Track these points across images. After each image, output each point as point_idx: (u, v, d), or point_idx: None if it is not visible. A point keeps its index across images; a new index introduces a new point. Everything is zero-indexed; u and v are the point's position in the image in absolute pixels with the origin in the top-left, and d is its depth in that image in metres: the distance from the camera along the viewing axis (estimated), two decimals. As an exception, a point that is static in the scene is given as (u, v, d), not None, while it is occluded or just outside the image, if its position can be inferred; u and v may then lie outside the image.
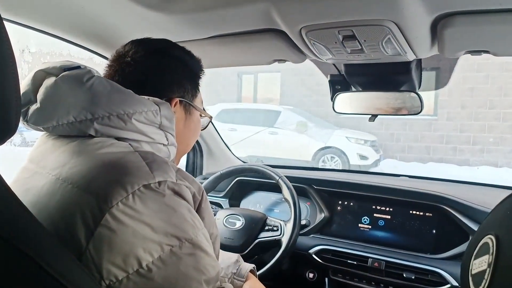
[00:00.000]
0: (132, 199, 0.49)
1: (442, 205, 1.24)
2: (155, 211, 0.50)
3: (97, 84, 0.59)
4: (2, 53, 0.44)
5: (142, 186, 0.50)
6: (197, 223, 0.55)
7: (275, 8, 0.79)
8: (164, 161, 0.57)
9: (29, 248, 0.39)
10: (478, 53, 0.89)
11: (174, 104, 0.71)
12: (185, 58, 0.75)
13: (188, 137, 0.77)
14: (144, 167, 0.53)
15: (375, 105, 1.13)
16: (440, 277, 1.12)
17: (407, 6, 0.72)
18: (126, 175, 0.51)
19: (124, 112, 0.59)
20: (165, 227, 0.50)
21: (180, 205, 0.54)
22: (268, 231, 1.26)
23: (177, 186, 0.54)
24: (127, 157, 0.55)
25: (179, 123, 0.72)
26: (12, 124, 0.47)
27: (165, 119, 0.65)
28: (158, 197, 0.51)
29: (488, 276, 0.33)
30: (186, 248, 0.51)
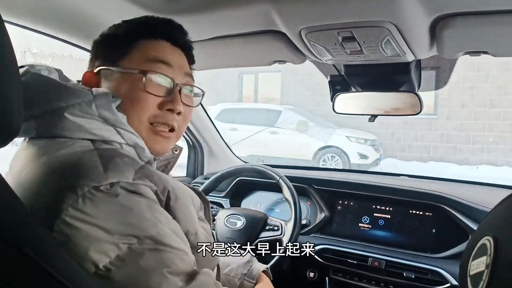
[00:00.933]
0: (83, 203, 0.48)
1: (442, 205, 1.24)
2: (108, 213, 0.49)
3: (29, 80, 0.56)
4: (4, 56, 0.44)
5: (92, 188, 0.49)
6: (161, 217, 0.53)
7: (275, 10, 0.80)
8: (123, 159, 0.55)
9: (28, 248, 0.40)
10: (477, 54, 0.89)
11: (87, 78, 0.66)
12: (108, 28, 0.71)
13: (125, 110, 0.62)
14: (97, 168, 0.51)
15: (375, 105, 1.14)
16: (440, 276, 1.13)
17: (406, 8, 0.72)
18: (76, 178, 0.50)
19: (57, 106, 0.55)
20: (120, 228, 0.49)
21: (137, 203, 0.51)
22: (269, 231, 1.26)
23: (132, 186, 0.52)
24: (83, 158, 0.53)
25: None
26: (15, 126, 0.48)
27: (102, 109, 0.58)
28: (110, 198, 0.49)
29: (486, 277, 0.34)
30: (147, 244, 0.50)
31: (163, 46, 0.68)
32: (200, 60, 1.20)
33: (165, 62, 0.66)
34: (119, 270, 0.47)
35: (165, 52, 0.67)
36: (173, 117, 0.66)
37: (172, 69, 0.67)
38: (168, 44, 0.68)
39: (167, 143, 0.68)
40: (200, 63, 1.24)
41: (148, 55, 0.65)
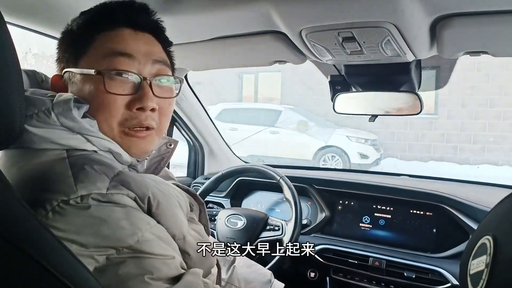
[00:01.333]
0: (52, 217, 0.46)
1: (442, 204, 1.25)
2: (80, 226, 0.46)
3: None
4: (6, 58, 0.44)
5: (61, 202, 0.46)
6: (141, 224, 0.50)
7: (276, 10, 0.80)
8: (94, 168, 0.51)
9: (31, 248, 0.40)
10: (477, 54, 0.90)
11: (53, 83, 0.60)
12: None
13: (93, 115, 0.57)
14: (67, 179, 0.48)
15: (375, 105, 1.14)
16: (441, 276, 1.13)
17: (406, 8, 0.72)
18: (44, 192, 0.47)
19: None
20: (95, 241, 0.46)
21: (112, 212, 0.48)
22: (269, 231, 1.26)
23: (105, 197, 0.49)
24: (53, 168, 0.50)
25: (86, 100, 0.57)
26: (17, 128, 0.48)
27: (63, 118, 0.53)
28: (80, 211, 0.47)
29: (486, 276, 0.34)
30: (125, 253, 0.48)
31: (122, 35, 0.59)
32: (201, 60, 1.21)
33: (125, 53, 0.58)
34: (100, 280, 0.45)
35: (125, 42, 0.59)
36: (146, 115, 0.59)
37: (135, 60, 0.59)
38: (129, 31, 0.60)
39: (145, 143, 0.62)
40: (200, 63, 1.25)
41: (105, 50, 0.58)
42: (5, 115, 0.44)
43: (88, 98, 0.57)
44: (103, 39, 0.59)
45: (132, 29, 0.60)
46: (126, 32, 0.60)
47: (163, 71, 0.62)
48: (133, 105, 0.58)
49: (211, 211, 1.40)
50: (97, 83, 0.57)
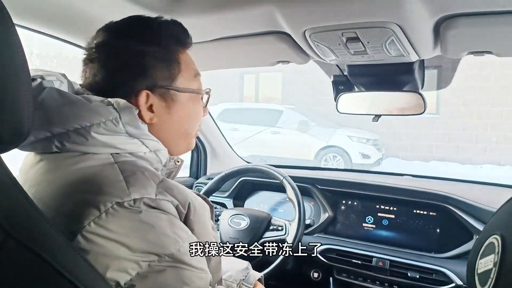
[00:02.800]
0: (105, 218, 0.47)
1: (446, 204, 1.24)
2: (130, 229, 0.48)
3: (47, 98, 0.54)
4: (16, 60, 0.44)
5: (115, 204, 0.48)
6: (182, 234, 0.53)
7: (280, 11, 0.80)
8: (144, 173, 0.54)
9: (43, 250, 0.40)
10: (480, 54, 0.90)
11: (144, 98, 0.61)
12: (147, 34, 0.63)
13: (181, 124, 0.66)
14: (120, 182, 0.51)
15: (379, 105, 1.14)
16: (445, 276, 1.13)
17: (410, 9, 0.72)
18: (98, 193, 0.49)
19: (81, 126, 0.54)
20: (141, 246, 0.48)
21: (159, 219, 0.51)
22: (273, 231, 1.27)
23: (154, 202, 0.51)
24: (103, 172, 0.52)
25: (162, 114, 0.63)
26: (25, 129, 0.48)
27: (129, 127, 0.57)
28: (132, 215, 0.49)
29: (494, 275, 0.34)
30: (166, 262, 0.50)
31: (189, 55, 0.68)
32: (205, 60, 1.21)
33: (199, 74, 0.70)
34: (140, 286, 0.48)
35: (194, 62, 0.69)
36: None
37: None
38: (187, 51, 0.69)
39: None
40: (205, 63, 1.25)
41: (194, 71, 0.68)
42: (14, 117, 0.45)
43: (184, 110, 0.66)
44: (186, 60, 0.66)
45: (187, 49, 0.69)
46: (187, 52, 0.68)
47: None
48: (204, 113, 0.73)
49: (214, 214, 1.40)
50: (197, 99, 0.69)
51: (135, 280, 0.47)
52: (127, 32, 0.63)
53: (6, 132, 0.43)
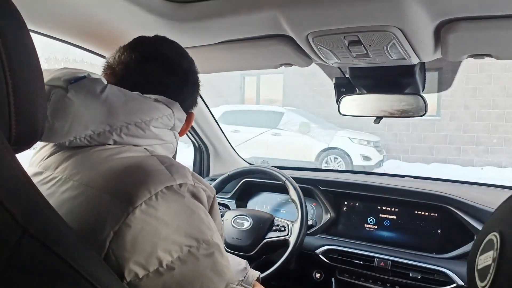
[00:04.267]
0: (156, 200, 0.51)
1: (447, 205, 1.26)
2: (176, 212, 0.52)
3: (111, 95, 0.59)
4: (31, 63, 0.46)
5: (164, 188, 0.52)
6: (212, 225, 0.57)
7: (283, 15, 0.82)
8: (181, 165, 0.59)
9: (59, 247, 0.41)
10: (481, 57, 0.91)
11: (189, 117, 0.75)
12: (193, 67, 0.76)
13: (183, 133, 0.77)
14: (164, 170, 0.55)
15: (380, 107, 1.15)
16: (446, 277, 1.14)
17: (411, 13, 0.74)
18: (149, 177, 0.53)
19: (142, 120, 0.61)
20: (185, 228, 0.52)
21: (198, 207, 0.56)
22: (275, 231, 1.28)
23: (195, 188, 0.56)
24: (147, 161, 0.57)
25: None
26: (39, 130, 0.50)
27: (178, 121, 0.67)
28: (179, 199, 0.53)
29: (493, 270, 0.36)
30: (203, 249, 0.53)
31: None
32: (209, 63, 1.23)
33: None
34: (179, 270, 0.50)
35: None
36: None
37: None
38: None
39: None
40: (209, 66, 1.27)
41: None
42: (29, 119, 0.46)
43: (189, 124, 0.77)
44: None
45: None
46: None
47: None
48: None
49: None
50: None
51: (176, 263, 0.50)
52: (185, 55, 0.75)
53: (22, 134, 0.44)
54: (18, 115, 0.42)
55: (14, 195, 0.39)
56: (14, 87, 0.41)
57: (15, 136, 0.43)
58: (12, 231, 0.38)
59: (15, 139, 0.43)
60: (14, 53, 0.41)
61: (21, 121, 0.43)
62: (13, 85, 0.41)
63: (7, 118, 0.42)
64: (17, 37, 0.43)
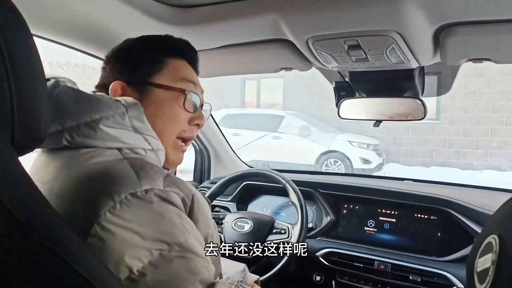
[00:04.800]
0: (120, 208, 0.50)
1: (446, 208, 1.26)
2: (143, 218, 0.51)
3: (61, 94, 0.59)
4: (34, 67, 0.46)
5: (129, 195, 0.51)
6: (187, 226, 0.55)
7: (284, 20, 0.83)
8: (152, 168, 0.57)
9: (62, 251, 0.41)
10: (479, 61, 0.92)
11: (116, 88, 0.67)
12: (143, 38, 0.73)
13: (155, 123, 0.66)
14: (131, 175, 0.54)
15: (380, 111, 1.16)
16: (446, 280, 1.14)
17: (410, 17, 0.75)
18: (113, 185, 0.51)
19: (91, 119, 0.58)
20: (153, 234, 0.50)
21: (168, 210, 0.54)
22: (276, 234, 1.28)
23: (164, 193, 0.54)
24: (115, 166, 0.55)
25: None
26: (42, 133, 0.50)
27: (135, 120, 0.62)
28: (145, 205, 0.52)
29: (492, 273, 0.36)
30: (176, 251, 0.51)
31: (187, 66, 0.74)
32: (210, 67, 1.24)
33: (193, 82, 0.73)
34: (152, 275, 0.49)
35: (191, 73, 0.74)
36: (196, 131, 0.75)
37: (197, 88, 0.74)
38: (189, 65, 0.74)
39: (183, 155, 0.76)
40: (209, 70, 1.27)
41: (181, 75, 0.71)
42: (32, 122, 0.46)
43: (156, 108, 0.68)
44: (175, 64, 0.72)
45: (190, 63, 0.75)
46: (188, 64, 0.74)
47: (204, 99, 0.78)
48: (193, 121, 0.73)
49: (217, 215, 1.42)
50: (177, 99, 0.69)
51: (147, 269, 0.49)
52: (136, 43, 0.73)
53: (24, 136, 0.45)
54: (21, 118, 0.43)
55: (17, 198, 0.40)
56: (17, 90, 0.42)
57: (17, 139, 0.43)
58: (14, 234, 0.38)
59: (17, 142, 0.44)
60: (17, 57, 0.42)
61: (24, 124, 0.43)
62: (16, 88, 0.41)
63: (10, 121, 0.42)
64: (20, 41, 0.43)
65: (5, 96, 0.41)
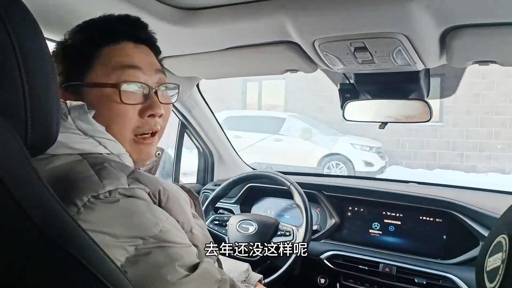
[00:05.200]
0: (85, 212, 0.48)
1: (452, 211, 1.26)
2: (110, 218, 0.49)
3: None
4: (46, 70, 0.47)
5: (91, 197, 0.49)
6: (160, 216, 0.53)
7: (291, 21, 0.83)
8: (115, 166, 0.54)
9: (74, 249, 0.42)
10: (485, 63, 0.92)
11: (62, 97, 0.58)
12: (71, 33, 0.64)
13: (107, 126, 0.60)
14: (92, 177, 0.51)
15: (385, 112, 1.16)
16: (452, 283, 1.14)
17: (417, 20, 0.75)
18: (73, 189, 0.49)
19: None
20: (125, 231, 0.49)
21: (137, 205, 0.52)
22: (280, 236, 1.28)
23: (129, 191, 0.52)
24: (74, 168, 0.53)
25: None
26: (53, 134, 0.51)
27: (79, 122, 0.57)
28: (110, 205, 0.50)
29: (502, 271, 0.36)
30: (151, 243, 0.51)
31: (126, 48, 0.63)
32: (214, 69, 1.24)
33: (133, 66, 0.62)
34: (132, 271, 0.49)
35: (131, 55, 0.63)
36: (155, 121, 0.65)
37: (142, 71, 0.63)
38: (131, 45, 0.64)
39: (152, 148, 0.67)
40: (214, 72, 1.28)
41: (113, 63, 0.61)
42: (44, 124, 0.47)
43: (99, 109, 0.60)
44: (108, 53, 0.62)
45: (133, 42, 0.64)
46: (129, 45, 0.63)
47: (163, 79, 0.67)
48: (145, 113, 0.63)
49: (221, 217, 1.42)
50: (112, 95, 0.60)
51: (126, 266, 0.48)
52: (70, 35, 0.64)
53: (37, 138, 0.45)
54: (33, 119, 0.43)
55: (31, 197, 0.40)
56: (30, 93, 0.42)
57: (30, 140, 0.44)
58: (29, 233, 0.38)
59: (30, 143, 0.44)
60: (30, 57, 0.42)
61: (36, 125, 0.44)
62: (30, 90, 0.42)
63: (24, 122, 0.43)
64: (33, 42, 0.44)
65: (18, 96, 0.42)
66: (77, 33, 0.64)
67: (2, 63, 0.40)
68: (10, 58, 0.40)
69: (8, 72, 0.41)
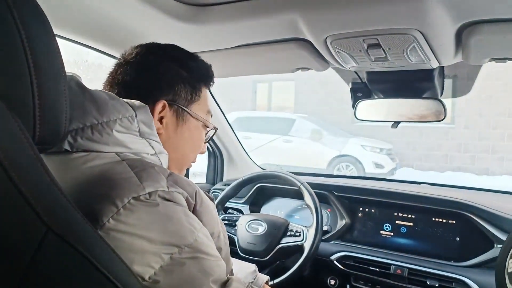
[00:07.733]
0: (124, 213, 0.48)
1: (465, 212, 1.23)
2: (149, 222, 0.49)
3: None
4: (55, 66, 0.47)
5: (132, 199, 0.49)
6: (195, 224, 0.54)
7: (302, 18, 0.82)
8: (154, 168, 0.55)
9: (81, 245, 0.41)
10: (502, 61, 0.90)
11: (161, 107, 0.65)
12: (184, 59, 0.70)
13: (182, 146, 0.70)
14: (132, 178, 0.51)
15: (398, 111, 1.14)
16: (465, 285, 1.11)
17: (432, 15, 0.73)
18: (114, 189, 0.49)
19: (98, 121, 0.55)
20: (161, 237, 0.49)
21: (175, 211, 0.52)
22: (290, 237, 1.27)
23: (168, 194, 0.52)
24: (114, 169, 0.53)
25: (168, 129, 0.67)
26: (62, 130, 0.50)
27: (143, 125, 0.60)
28: (150, 208, 0.50)
29: (526, 273, 0.35)
30: (186, 253, 0.50)
31: (209, 95, 0.76)
32: (225, 67, 1.24)
33: (212, 114, 0.76)
34: (165, 280, 0.48)
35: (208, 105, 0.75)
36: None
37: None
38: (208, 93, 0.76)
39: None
40: (225, 70, 1.28)
41: (207, 107, 0.74)
42: (53, 119, 0.47)
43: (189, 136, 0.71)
44: (205, 94, 0.73)
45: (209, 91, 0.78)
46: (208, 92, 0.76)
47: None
48: (202, 150, 0.77)
49: (231, 217, 1.41)
50: (202, 130, 0.74)
51: (159, 275, 0.48)
52: (169, 52, 0.70)
53: (47, 133, 0.45)
54: (42, 115, 0.43)
55: (39, 193, 0.40)
56: (39, 88, 0.42)
57: (39, 135, 0.44)
58: (36, 229, 0.38)
59: (39, 139, 0.44)
60: (39, 53, 0.42)
61: (45, 121, 0.44)
62: (38, 85, 0.42)
63: (32, 118, 0.43)
64: (42, 38, 0.44)
65: (27, 92, 0.42)
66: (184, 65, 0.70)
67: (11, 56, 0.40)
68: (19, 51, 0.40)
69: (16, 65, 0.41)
